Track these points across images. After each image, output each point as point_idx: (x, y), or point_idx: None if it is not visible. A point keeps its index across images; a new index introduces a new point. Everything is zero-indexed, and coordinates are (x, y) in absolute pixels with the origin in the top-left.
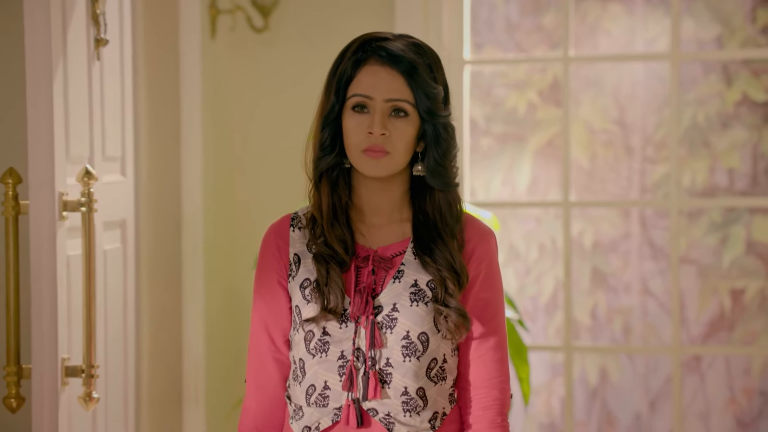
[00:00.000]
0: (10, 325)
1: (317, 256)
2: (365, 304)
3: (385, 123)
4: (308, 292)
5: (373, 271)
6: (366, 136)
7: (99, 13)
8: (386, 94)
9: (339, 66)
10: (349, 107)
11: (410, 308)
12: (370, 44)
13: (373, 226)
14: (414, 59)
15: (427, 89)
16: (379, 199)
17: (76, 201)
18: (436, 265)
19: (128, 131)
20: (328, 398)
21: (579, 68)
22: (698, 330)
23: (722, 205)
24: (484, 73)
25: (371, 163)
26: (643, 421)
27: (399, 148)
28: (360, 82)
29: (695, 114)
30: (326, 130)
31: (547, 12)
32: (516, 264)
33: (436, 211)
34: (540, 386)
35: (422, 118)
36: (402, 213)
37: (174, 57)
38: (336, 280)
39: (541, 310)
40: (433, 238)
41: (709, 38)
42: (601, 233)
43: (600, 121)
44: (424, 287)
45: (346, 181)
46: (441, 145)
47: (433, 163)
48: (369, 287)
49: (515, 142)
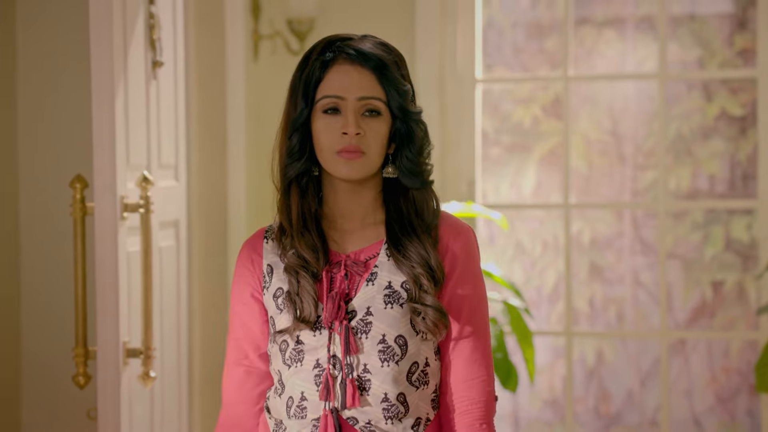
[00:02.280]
0: (78, 313)
1: (287, 267)
2: (337, 309)
3: (358, 122)
4: (281, 301)
5: (346, 275)
6: (339, 137)
7: (155, 38)
8: (358, 93)
9: (304, 69)
10: (318, 110)
11: (384, 311)
12: (336, 44)
13: (345, 232)
14: (383, 56)
15: (398, 86)
16: (350, 204)
17: (135, 203)
18: (409, 262)
19: (181, 142)
20: (306, 409)
21: (577, 86)
22: (683, 317)
23: (704, 206)
24: (493, 90)
25: (346, 165)
26: (635, 397)
27: (374, 148)
28: (330, 82)
29: (680, 126)
30: (295, 136)
31: (549, 37)
32: (522, 259)
33: (411, 209)
34: (544, 367)
35: (394, 116)
36: (375, 216)
37: (221, 77)
38: (307, 288)
39: (545, 299)
40: (408, 235)
41: (692, 60)
42: (598, 231)
43: (596, 132)
44: (398, 288)
45: (314, 189)
46: (415, 142)
47: (407, 162)
48: (342, 292)
49: (521, 151)
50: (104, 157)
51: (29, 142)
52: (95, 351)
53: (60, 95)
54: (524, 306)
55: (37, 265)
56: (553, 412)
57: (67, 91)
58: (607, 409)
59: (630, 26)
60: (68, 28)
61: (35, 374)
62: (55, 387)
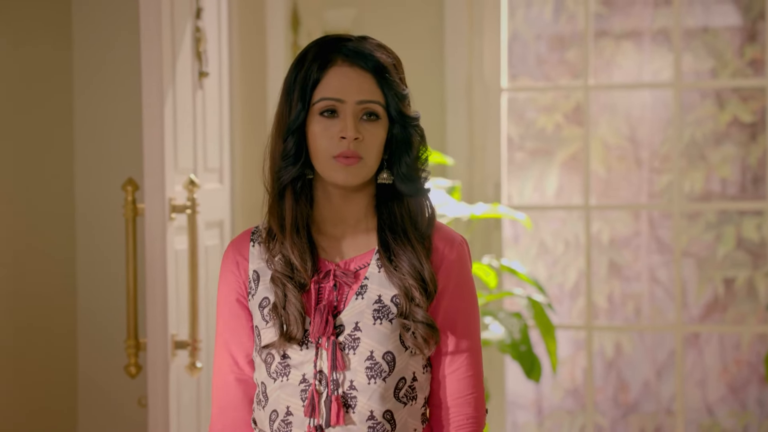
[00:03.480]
0: (130, 307)
1: (274, 277)
2: (325, 324)
3: (357, 126)
4: (266, 312)
5: (335, 286)
6: (338, 142)
7: (201, 51)
8: (358, 96)
9: (300, 70)
10: (315, 112)
11: (373, 327)
12: (334, 45)
13: (334, 238)
14: (383, 59)
15: (397, 90)
16: (343, 210)
17: (182, 205)
18: (400, 273)
19: (225, 147)
20: (291, 424)
21: (597, 95)
22: (697, 312)
23: (716, 208)
24: (518, 99)
25: (343, 171)
26: (651, 387)
27: (372, 154)
28: (328, 84)
29: (694, 132)
30: (290, 139)
31: (570, 48)
32: (545, 257)
33: (406, 216)
34: (565, 359)
35: (392, 120)
36: (367, 222)
37: (262, 86)
38: (294, 302)
39: (567, 295)
40: (401, 243)
41: (705, 70)
42: (616, 231)
43: (615, 138)
44: (388, 303)
45: (307, 194)
46: (412, 148)
47: (405, 168)
48: (330, 305)
49: (544, 155)
50: (154, 162)
51: (84, 148)
52: (146, 343)
53: (113, 104)
54: (547, 301)
55: (92, 263)
56: (575, 400)
57: (119, 100)
58: (625, 398)
59: (646, 38)
60: (121, 42)
61: (90, 364)
62: (109, 376)
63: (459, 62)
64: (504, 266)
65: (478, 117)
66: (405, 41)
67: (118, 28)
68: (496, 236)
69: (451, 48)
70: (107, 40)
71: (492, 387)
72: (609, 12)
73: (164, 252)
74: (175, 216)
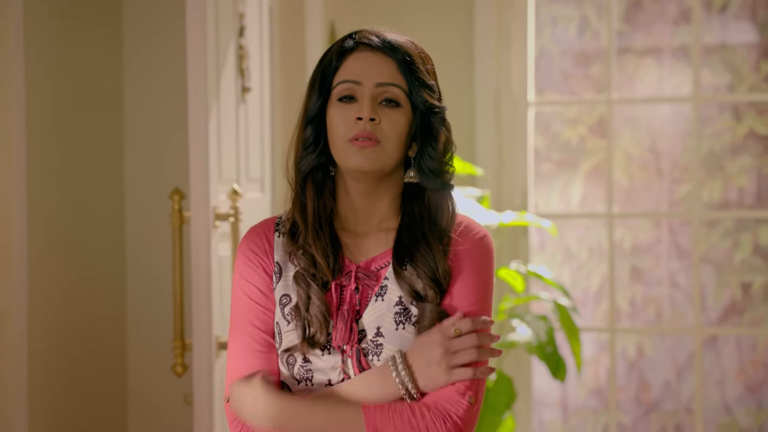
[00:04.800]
0: (177, 310)
1: (297, 276)
2: (350, 331)
3: (375, 108)
4: (288, 311)
5: (357, 289)
6: (353, 124)
7: (244, 67)
8: (377, 78)
9: (323, 60)
10: (334, 99)
11: (396, 332)
12: (358, 34)
13: (358, 236)
14: (409, 47)
15: (422, 78)
16: (366, 207)
17: (225, 213)
18: (411, 277)
19: (266, 158)
20: None
21: (620, 108)
22: (715, 315)
23: (734, 216)
24: (544, 112)
25: (359, 153)
26: (671, 386)
27: (391, 138)
28: (347, 68)
29: (712, 144)
30: (309, 128)
31: (594, 64)
32: (570, 263)
33: (425, 213)
34: (589, 359)
35: (417, 110)
36: (390, 222)
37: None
38: (317, 304)
39: (591, 299)
40: (416, 244)
41: (723, 84)
42: (638, 238)
43: (637, 149)
44: (409, 305)
45: (330, 188)
46: (438, 141)
47: (428, 161)
48: (353, 309)
49: (569, 166)
50: (199, 172)
51: (134, 160)
52: (191, 344)
53: (160, 118)
54: (572, 305)
55: (141, 268)
56: (598, 399)
57: (166, 114)
58: (647, 397)
59: (667, 55)
60: (168, 59)
61: (139, 364)
62: (156, 375)
63: (488, 78)
64: (531, 271)
65: (507, 129)
66: (437, 58)
67: (166, 46)
68: (523, 243)
69: (481, 64)
70: (156, 58)
71: (519, 386)
72: (631, 30)
73: (209, 258)
74: (219, 224)
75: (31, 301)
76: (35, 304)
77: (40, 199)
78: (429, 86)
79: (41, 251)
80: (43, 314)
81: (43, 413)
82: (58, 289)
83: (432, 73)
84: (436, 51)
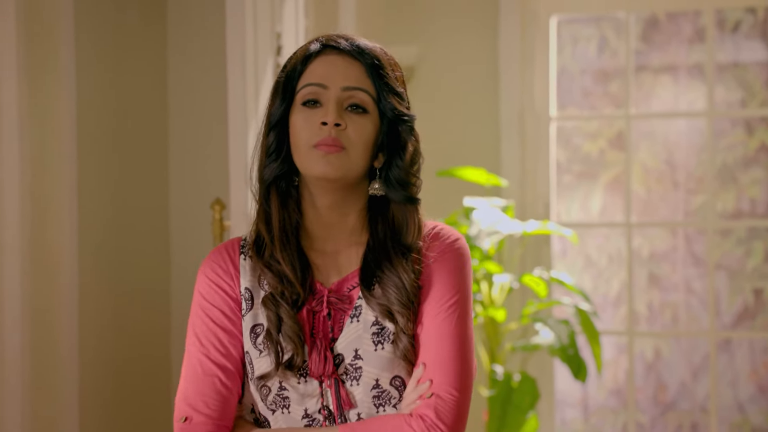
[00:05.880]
0: None
1: (265, 300)
2: (324, 361)
3: (341, 113)
4: (260, 340)
5: (329, 314)
6: (318, 129)
7: None
8: (343, 82)
9: (288, 64)
10: (298, 103)
11: (375, 353)
12: (325, 38)
13: (327, 255)
14: (378, 52)
15: (391, 84)
16: (333, 220)
17: None
18: (378, 299)
19: None
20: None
21: (637, 123)
22: (728, 319)
23: (746, 225)
24: (566, 127)
25: (323, 159)
26: (687, 387)
27: (356, 145)
28: (312, 71)
29: (725, 157)
30: (272, 134)
31: (613, 81)
32: (590, 269)
33: (388, 230)
34: (609, 361)
35: (385, 117)
36: (361, 236)
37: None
38: (289, 323)
39: (610, 304)
40: (380, 263)
41: (736, 100)
42: (655, 246)
43: (653, 162)
44: (387, 324)
45: (296, 199)
46: (406, 151)
47: (395, 171)
48: (326, 336)
49: (589, 178)
50: (239, 184)
51: (178, 171)
52: None
53: (202, 132)
54: (592, 309)
55: (184, 274)
56: (617, 399)
57: (208, 128)
58: (664, 397)
59: (682, 72)
60: (210, 76)
61: None
62: None
63: (513, 94)
64: (553, 278)
65: (530, 143)
66: (463, 76)
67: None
68: (545, 250)
69: (506, 82)
70: (198, 77)
71: (543, 387)
72: (648, 48)
73: None
74: None
75: (81, 310)
76: (85, 313)
77: (89, 210)
78: (398, 93)
79: (91, 261)
80: (93, 323)
81: (94, 418)
82: (107, 298)
83: (401, 80)
84: (462, 70)
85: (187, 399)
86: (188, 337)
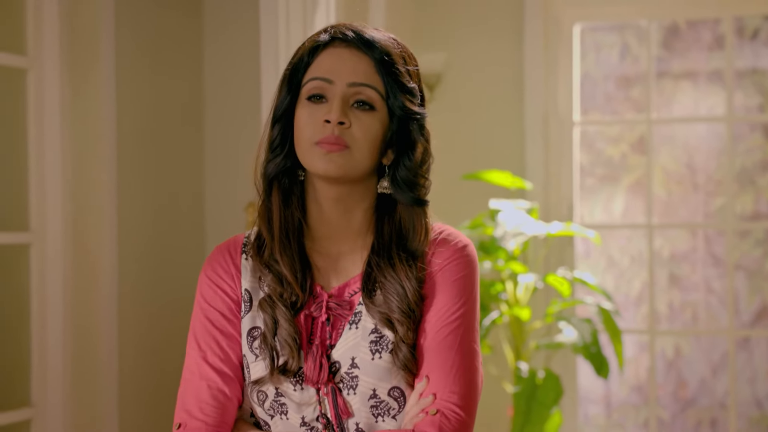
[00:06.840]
0: None
1: (262, 302)
2: (319, 368)
3: (345, 111)
4: (257, 344)
5: (328, 320)
6: (321, 126)
7: None
8: (350, 78)
9: (295, 56)
10: (303, 97)
11: (372, 362)
12: (333, 29)
13: (330, 257)
14: (388, 45)
15: (401, 80)
16: (338, 217)
17: None
18: (379, 307)
19: None
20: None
21: (658, 128)
22: (747, 318)
23: (764, 227)
24: (589, 131)
25: (324, 157)
26: (707, 384)
27: (361, 144)
28: (319, 65)
29: (744, 160)
30: (277, 127)
31: (634, 86)
32: (613, 270)
33: (394, 233)
34: (631, 359)
35: (394, 115)
36: (366, 238)
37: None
38: (286, 327)
39: (632, 303)
40: (382, 269)
41: (754, 105)
42: (676, 247)
43: (674, 165)
44: (386, 332)
45: (298, 196)
46: (415, 150)
47: (404, 172)
48: (323, 344)
49: (612, 181)
50: None
51: (213, 176)
52: None
53: (237, 139)
54: (615, 309)
55: None
56: (639, 396)
57: (242, 135)
58: (684, 394)
59: (702, 78)
60: (244, 83)
61: None
62: None
63: (537, 100)
64: (576, 278)
65: (554, 147)
66: (489, 82)
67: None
68: (569, 251)
69: (530, 87)
70: (233, 83)
71: (566, 383)
72: (669, 55)
73: None
74: None
75: (121, 318)
76: (124, 320)
77: (128, 212)
78: (409, 89)
79: (130, 269)
80: (132, 330)
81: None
82: (145, 304)
83: (414, 74)
84: (488, 75)
85: (184, 405)
86: (188, 340)
